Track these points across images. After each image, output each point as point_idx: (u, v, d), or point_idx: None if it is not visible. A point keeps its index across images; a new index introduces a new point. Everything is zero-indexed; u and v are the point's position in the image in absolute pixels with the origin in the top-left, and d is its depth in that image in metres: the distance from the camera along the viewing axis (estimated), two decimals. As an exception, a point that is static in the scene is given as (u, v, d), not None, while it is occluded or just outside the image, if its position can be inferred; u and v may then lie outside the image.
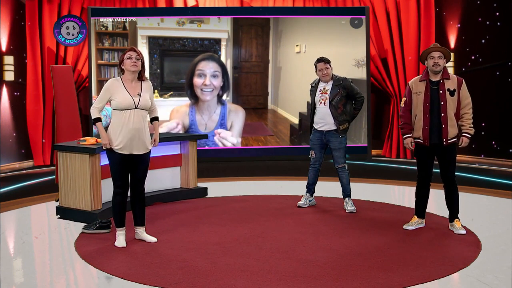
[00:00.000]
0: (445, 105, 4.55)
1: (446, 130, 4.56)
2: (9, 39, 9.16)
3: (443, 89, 4.57)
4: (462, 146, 4.63)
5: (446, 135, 4.57)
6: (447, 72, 4.65)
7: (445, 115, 4.55)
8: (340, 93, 5.43)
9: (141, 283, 3.53)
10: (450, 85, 4.58)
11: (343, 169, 5.55)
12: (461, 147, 4.64)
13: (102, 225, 4.78)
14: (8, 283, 3.60)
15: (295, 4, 10.49)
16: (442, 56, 4.59)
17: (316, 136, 5.59)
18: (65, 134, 6.71)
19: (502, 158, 8.85)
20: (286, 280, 3.55)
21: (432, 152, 4.68)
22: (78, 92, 9.28)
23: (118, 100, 4.23)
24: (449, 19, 9.71)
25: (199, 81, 9.52)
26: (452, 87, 4.57)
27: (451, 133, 4.57)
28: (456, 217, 4.75)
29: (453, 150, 4.64)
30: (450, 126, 4.57)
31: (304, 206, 5.74)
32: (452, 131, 4.58)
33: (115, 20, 9.67)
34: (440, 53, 4.58)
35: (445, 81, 4.59)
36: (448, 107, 4.55)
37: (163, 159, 6.24)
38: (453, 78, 4.62)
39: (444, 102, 4.55)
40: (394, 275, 3.62)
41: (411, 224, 4.86)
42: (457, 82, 4.61)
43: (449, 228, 4.77)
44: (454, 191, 4.72)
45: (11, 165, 9.07)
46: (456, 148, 4.67)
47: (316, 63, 5.52)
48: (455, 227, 4.70)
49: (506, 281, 3.52)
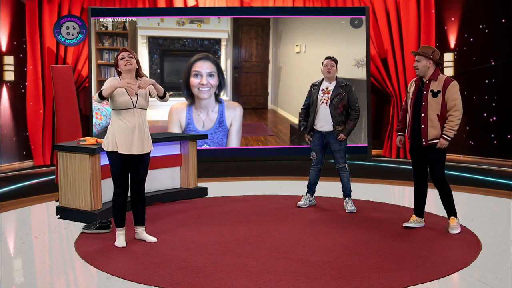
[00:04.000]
0: (426, 105, 4.61)
1: (425, 131, 4.62)
2: (9, 39, 9.16)
3: (427, 90, 4.64)
4: (439, 147, 4.62)
5: (425, 135, 4.63)
6: (436, 73, 4.66)
7: (425, 115, 4.62)
8: (341, 94, 5.44)
9: (141, 283, 3.53)
10: (435, 86, 4.62)
11: (344, 169, 5.56)
12: (438, 148, 4.63)
13: (102, 225, 4.78)
14: (8, 283, 3.60)
15: (295, 4, 10.49)
16: (421, 59, 4.64)
17: (317, 137, 5.59)
18: (65, 134, 6.70)
19: (502, 158, 8.84)
20: (286, 280, 3.55)
21: (419, 151, 4.76)
22: (78, 92, 9.28)
23: (117, 100, 4.23)
24: (449, 19, 9.71)
25: (195, 81, 9.53)
26: (436, 89, 4.60)
27: (430, 133, 4.62)
28: (451, 216, 4.77)
29: (438, 150, 4.66)
30: (430, 127, 4.61)
31: (304, 206, 5.74)
32: (432, 132, 4.61)
33: (115, 20, 9.67)
34: (419, 56, 4.65)
35: (431, 82, 4.64)
36: (429, 108, 4.60)
37: (163, 159, 6.24)
38: (441, 80, 4.63)
39: (426, 103, 4.62)
40: (394, 275, 3.62)
41: (410, 222, 4.89)
42: (444, 83, 4.61)
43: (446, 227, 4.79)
44: (443, 191, 4.76)
45: (11, 165, 9.08)
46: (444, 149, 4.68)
47: (324, 60, 5.58)
48: (448, 225, 4.75)
49: (506, 281, 3.52)
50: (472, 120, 9.27)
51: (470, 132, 9.39)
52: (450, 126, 4.58)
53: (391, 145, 10.20)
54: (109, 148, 4.28)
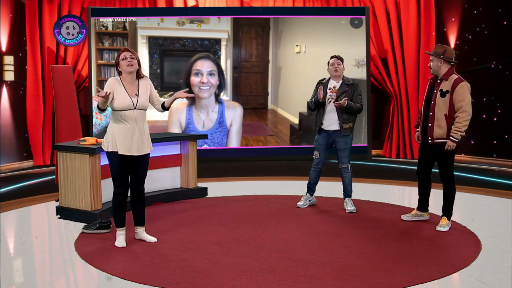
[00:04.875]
0: (434, 105, 4.68)
1: (432, 129, 4.69)
2: (9, 39, 9.15)
3: (437, 89, 4.69)
4: (446, 149, 4.66)
5: (431, 134, 4.70)
6: (448, 73, 4.68)
7: (433, 114, 4.68)
8: (347, 92, 5.44)
9: (141, 283, 3.53)
10: (445, 86, 4.66)
11: (346, 170, 5.56)
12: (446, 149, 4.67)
13: (102, 225, 4.78)
14: (8, 283, 3.60)
15: (295, 4, 10.48)
16: (433, 59, 4.72)
17: (322, 136, 5.57)
18: (65, 134, 6.70)
19: (503, 158, 8.84)
20: (286, 280, 3.55)
21: (427, 150, 4.84)
22: (78, 92, 9.27)
23: (117, 101, 4.23)
24: (449, 19, 9.70)
25: (196, 79, 9.53)
26: (445, 88, 4.65)
27: (436, 133, 4.68)
28: (445, 216, 4.82)
29: (446, 152, 4.69)
30: (436, 126, 4.66)
31: (304, 206, 5.73)
32: (437, 131, 4.67)
33: (115, 20, 9.67)
34: (432, 56, 4.73)
35: (442, 82, 4.68)
36: (437, 107, 4.65)
37: (163, 159, 6.24)
38: (451, 80, 4.65)
39: (434, 102, 4.68)
40: (394, 275, 3.62)
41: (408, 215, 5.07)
42: (453, 84, 4.64)
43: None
44: (446, 190, 4.82)
45: (11, 165, 9.07)
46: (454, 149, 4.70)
47: (329, 59, 5.56)
48: (439, 222, 4.81)
49: (506, 281, 3.52)
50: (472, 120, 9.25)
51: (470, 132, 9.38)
52: (457, 128, 4.60)
53: (391, 145, 10.19)
54: (109, 149, 4.28)
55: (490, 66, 9.05)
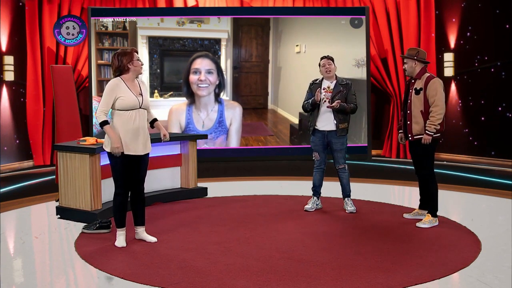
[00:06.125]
0: (410, 103, 4.92)
1: (410, 127, 4.92)
2: (9, 39, 9.15)
3: (412, 88, 4.94)
4: (423, 143, 4.83)
5: (411, 131, 4.92)
6: (421, 72, 4.91)
7: (410, 112, 4.92)
8: (342, 92, 5.43)
9: (141, 283, 3.53)
10: (418, 84, 4.89)
11: (343, 170, 5.54)
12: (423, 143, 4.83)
13: (102, 225, 4.78)
14: (8, 283, 3.60)
15: (295, 4, 10.48)
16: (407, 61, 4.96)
17: (318, 137, 5.54)
18: (65, 134, 6.70)
19: (503, 158, 8.84)
20: (286, 280, 3.55)
21: (412, 147, 5.04)
22: (78, 92, 9.28)
23: (125, 101, 4.20)
24: (449, 19, 9.70)
25: (194, 77, 9.55)
26: (419, 86, 4.88)
27: (414, 129, 4.90)
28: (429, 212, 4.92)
29: (424, 146, 4.85)
30: (414, 123, 4.89)
31: (311, 210, 5.59)
32: (416, 128, 4.89)
33: (115, 20, 9.67)
34: (406, 59, 4.98)
35: (416, 81, 4.92)
36: (413, 105, 4.90)
37: (163, 159, 6.24)
38: (424, 78, 4.88)
39: (410, 100, 4.92)
40: (394, 275, 3.62)
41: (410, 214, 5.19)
42: (425, 81, 4.86)
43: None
44: (428, 186, 4.97)
45: (11, 165, 9.07)
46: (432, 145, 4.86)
47: (320, 61, 5.54)
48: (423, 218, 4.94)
49: (506, 281, 3.52)
50: (472, 120, 9.27)
51: (470, 132, 9.38)
52: (431, 122, 4.80)
53: (391, 145, 10.19)
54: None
55: (490, 66, 9.04)
